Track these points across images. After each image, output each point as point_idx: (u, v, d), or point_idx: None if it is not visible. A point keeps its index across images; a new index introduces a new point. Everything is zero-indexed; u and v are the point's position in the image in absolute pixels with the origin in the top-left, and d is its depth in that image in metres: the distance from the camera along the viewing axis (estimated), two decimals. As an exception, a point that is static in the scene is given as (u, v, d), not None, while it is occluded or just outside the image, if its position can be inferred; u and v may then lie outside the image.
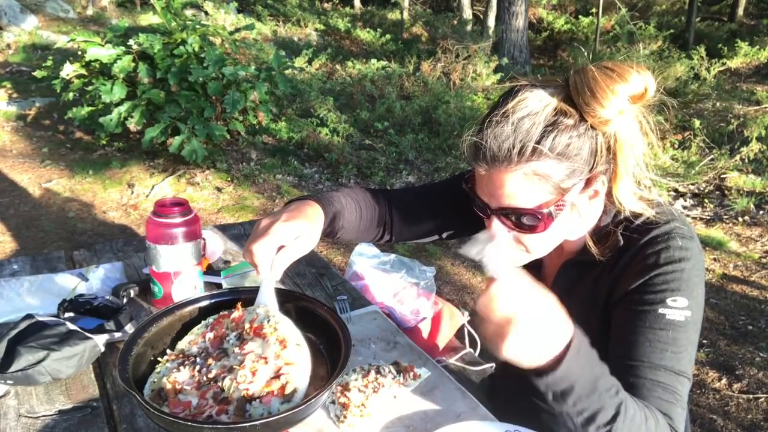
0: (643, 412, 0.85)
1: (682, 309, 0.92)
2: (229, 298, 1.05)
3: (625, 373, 0.92)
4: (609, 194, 0.96)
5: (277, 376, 0.86)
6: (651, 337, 0.91)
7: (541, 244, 0.98)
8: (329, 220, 1.07)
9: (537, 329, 0.76)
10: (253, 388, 0.85)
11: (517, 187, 0.89)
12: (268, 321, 0.93)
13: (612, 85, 0.85)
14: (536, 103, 0.88)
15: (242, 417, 0.82)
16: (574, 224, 0.97)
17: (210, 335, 0.95)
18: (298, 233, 0.95)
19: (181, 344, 0.97)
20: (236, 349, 0.90)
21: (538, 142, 0.86)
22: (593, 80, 0.86)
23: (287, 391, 0.85)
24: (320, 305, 1.03)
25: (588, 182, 0.92)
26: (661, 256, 0.94)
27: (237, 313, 0.98)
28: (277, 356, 0.88)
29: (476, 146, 0.90)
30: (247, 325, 0.94)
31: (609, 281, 1.02)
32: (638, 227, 0.97)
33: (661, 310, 0.92)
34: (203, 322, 1.00)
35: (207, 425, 0.79)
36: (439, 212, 1.25)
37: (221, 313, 1.00)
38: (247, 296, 1.02)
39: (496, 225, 0.94)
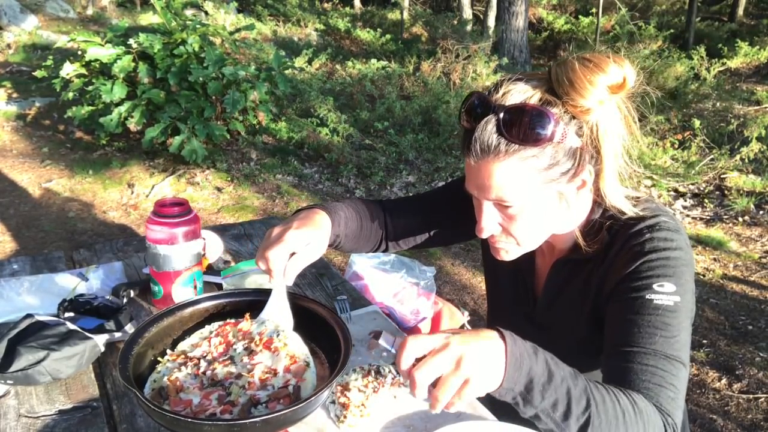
0: (613, 395, 0.83)
1: (670, 294, 0.92)
2: (233, 300, 1.05)
3: (618, 360, 0.93)
4: (596, 188, 0.98)
5: (285, 386, 0.87)
6: (640, 322, 0.92)
7: (530, 235, 0.99)
8: (335, 228, 1.10)
9: (480, 350, 0.77)
10: (260, 394, 0.85)
11: (505, 177, 0.91)
12: (278, 335, 0.94)
13: (590, 75, 0.87)
14: (520, 95, 0.90)
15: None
16: (563, 215, 0.99)
17: (216, 341, 0.96)
18: (308, 240, 0.98)
19: (183, 346, 0.97)
20: (245, 359, 0.91)
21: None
22: (572, 71, 0.88)
23: (293, 401, 0.85)
24: (320, 305, 1.03)
25: (575, 172, 0.93)
26: (646, 246, 0.96)
27: (245, 325, 0.98)
28: (286, 369, 0.90)
29: (465, 139, 0.93)
30: (256, 337, 0.94)
31: (599, 276, 1.03)
32: (625, 222, 0.99)
33: (648, 296, 0.93)
34: (207, 327, 1.00)
35: (207, 422, 0.79)
36: (435, 219, 1.27)
37: (227, 321, 1.01)
38: (252, 298, 1.03)
39: (487, 213, 0.96)
